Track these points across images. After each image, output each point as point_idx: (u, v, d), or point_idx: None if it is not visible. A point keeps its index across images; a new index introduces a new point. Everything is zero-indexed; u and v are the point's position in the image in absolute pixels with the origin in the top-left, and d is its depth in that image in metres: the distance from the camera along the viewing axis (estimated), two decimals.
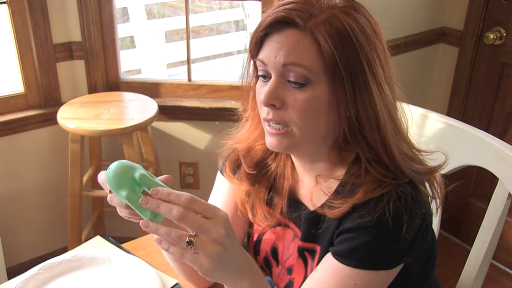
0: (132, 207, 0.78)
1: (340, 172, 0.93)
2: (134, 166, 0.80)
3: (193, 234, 0.73)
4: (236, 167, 1.06)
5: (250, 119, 1.01)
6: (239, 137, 1.05)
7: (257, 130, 1.00)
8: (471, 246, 1.18)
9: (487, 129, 2.37)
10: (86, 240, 2.15)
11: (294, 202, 1.01)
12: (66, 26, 2.16)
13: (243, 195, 1.05)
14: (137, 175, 0.78)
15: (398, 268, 0.87)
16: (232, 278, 0.79)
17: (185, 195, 0.74)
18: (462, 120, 1.23)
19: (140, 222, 0.76)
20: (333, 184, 0.92)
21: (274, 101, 0.86)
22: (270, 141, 0.90)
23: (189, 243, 0.73)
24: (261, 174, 1.04)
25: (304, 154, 0.95)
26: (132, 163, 0.80)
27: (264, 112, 0.89)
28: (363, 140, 0.87)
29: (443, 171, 1.15)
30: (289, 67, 0.84)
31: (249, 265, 0.82)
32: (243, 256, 0.80)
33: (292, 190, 1.02)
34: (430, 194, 0.93)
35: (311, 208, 0.97)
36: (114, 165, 0.80)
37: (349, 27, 0.82)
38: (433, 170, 0.92)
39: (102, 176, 0.81)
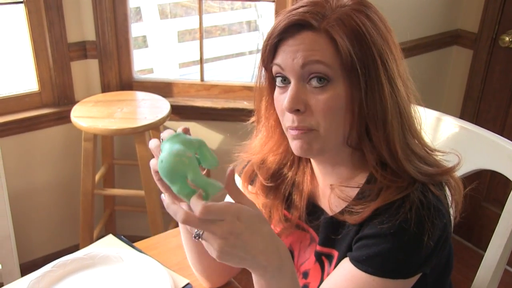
0: (183, 198, 0.77)
1: (361, 177, 0.92)
2: (186, 162, 0.76)
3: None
4: (251, 180, 1.05)
5: (264, 130, 0.99)
6: (253, 149, 1.03)
7: (272, 141, 0.99)
8: (484, 250, 1.17)
9: (501, 133, 2.34)
10: (98, 238, 2.16)
11: (313, 207, 1.00)
12: (81, 25, 2.17)
13: (260, 206, 1.03)
14: (190, 176, 0.75)
15: (415, 278, 0.86)
16: (254, 271, 0.78)
17: (199, 207, 0.71)
18: (475, 123, 1.22)
19: (165, 200, 0.76)
20: (352, 191, 0.91)
21: (298, 106, 0.85)
22: (296, 144, 0.88)
23: (195, 236, 0.74)
24: (278, 185, 1.02)
25: (327, 158, 0.94)
26: (185, 154, 0.76)
27: (289, 120, 0.87)
28: (368, 139, 0.86)
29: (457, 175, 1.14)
30: (309, 66, 0.83)
31: (279, 264, 0.77)
32: (269, 253, 0.76)
33: (311, 195, 1.01)
34: (449, 197, 0.91)
35: (330, 213, 0.95)
36: (166, 157, 0.76)
37: (362, 23, 0.83)
38: (444, 172, 0.91)
39: (154, 145, 0.81)
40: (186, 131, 0.84)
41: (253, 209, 0.76)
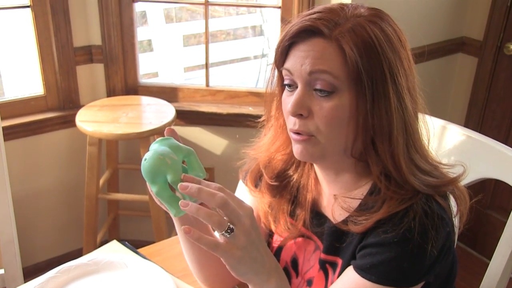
0: (161, 201, 0.81)
1: (365, 186, 0.92)
2: (169, 163, 0.79)
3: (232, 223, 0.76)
4: (258, 179, 1.06)
5: (272, 129, 1.00)
6: (260, 147, 1.04)
7: (279, 141, 1.00)
8: (488, 258, 1.17)
9: (505, 141, 2.35)
10: (101, 242, 2.17)
11: (317, 215, 1.00)
12: (87, 30, 2.18)
13: (266, 207, 1.05)
14: (169, 178, 0.78)
15: (419, 286, 0.86)
16: (260, 277, 0.81)
17: (218, 188, 0.77)
18: (480, 131, 1.22)
19: (180, 201, 0.77)
20: (355, 202, 0.92)
21: (301, 111, 0.86)
22: (296, 149, 0.90)
23: (229, 229, 0.75)
24: (283, 185, 1.03)
25: (329, 165, 0.94)
26: (169, 156, 0.80)
27: (291, 122, 0.89)
28: (374, 152, 0.87)
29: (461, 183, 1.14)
30: (315, 75, 0.84)
31: (276, 266, 0.83)
32: (270, 255, 0.82)
33: (315, 202, 1.01)
34: (454, 207, 0.92)
35: (334, 221, 0.96)
36: (150, 156, 0.80)
37: (374, 35, 0.83)
38: (449, 182, 0.90)
39: None
40: (171, 131, 0.87)
41: None
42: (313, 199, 1.01)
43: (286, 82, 0.90)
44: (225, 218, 0.76)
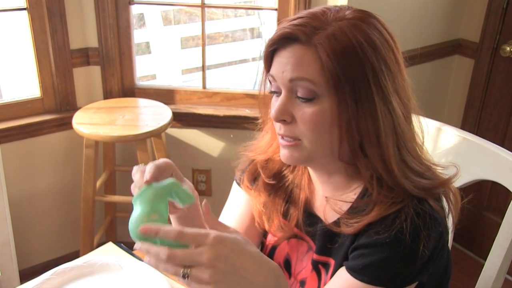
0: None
1: (357, 188, 0.93)
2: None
3: (187, 266, 0.71)
4: (254, 178, 1.07)
5: (269, 131, 1.02)
6: (258, 149, 1.05)
7: (276, 142, 1.00)
8: (484, 259, 1.17)
9: (502, 142, 2.35)
10: (98, 244, 2.17)
11: (310, 215, 1.01)
12: (84, 32, 2.18)
13: (261, 206, 1.05)
14: (159, 241, 0.75)
15: (412, 286, 0.86)
16: None
17: (172, 231, 0.72)
18: (477, 133, 1.22)
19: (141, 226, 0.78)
20: (346, 204, 0.92)
21: (284, 117, 0.87)
22: (283, 154, 0.91)
23: (184, 276, 0.71)
24: (279, 185, 1.04)
25: (319, 167, 0.95)
26: (150, 216, 0.81)
27: (277, 127, 0.91)
28: (362, 155, 0.87)
29: (457, 185, 1.14)
30: (296, 82, 0.85)
31: (276, 284, 0.77)
32: (258, 272, 0.75)
33: (308, 203, 1.02)
34: (446, 208, 0.92)
35: (326, 222, 0.96)
36: (133, 222, 0.82)
37: (355, 39, 0.82)
38: (441, 184, 0.91)
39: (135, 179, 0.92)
40: (153, 177, 0.88)
41: (236, 234, 0.76)
42: (306, 198, 1.02)
43: (272, 88, 0.91)
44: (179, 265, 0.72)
